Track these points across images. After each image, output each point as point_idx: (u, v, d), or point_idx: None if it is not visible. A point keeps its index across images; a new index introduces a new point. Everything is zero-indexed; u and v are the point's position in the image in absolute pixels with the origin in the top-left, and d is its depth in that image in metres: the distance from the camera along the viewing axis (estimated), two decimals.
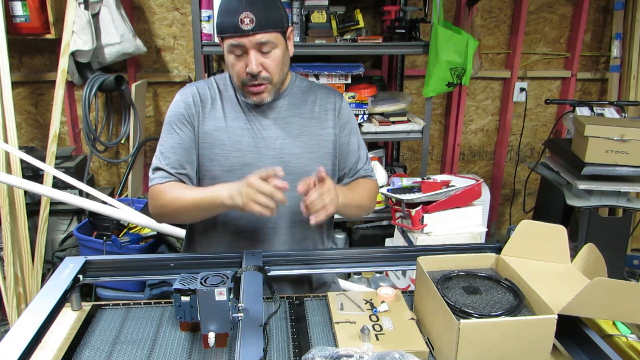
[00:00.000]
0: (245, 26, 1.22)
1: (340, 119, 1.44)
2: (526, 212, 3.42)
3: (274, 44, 1.26)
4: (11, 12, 2.48)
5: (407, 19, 2.60)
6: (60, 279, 1.16)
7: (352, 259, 1.35)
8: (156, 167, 1.35)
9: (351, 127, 1.46)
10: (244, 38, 1.24)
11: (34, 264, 2.51)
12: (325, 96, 1.44)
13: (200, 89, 1.39)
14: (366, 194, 1.45)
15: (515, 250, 1.20)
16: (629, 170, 2.34)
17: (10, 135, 2.37)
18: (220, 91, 1.40)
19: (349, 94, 2.56)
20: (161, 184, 1.33)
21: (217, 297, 0.96)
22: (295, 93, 1.42)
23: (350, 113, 1.49)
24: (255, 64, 1.26)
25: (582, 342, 1.00)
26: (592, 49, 3.34)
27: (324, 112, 1.42)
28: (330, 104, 1.43)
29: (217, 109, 1.37)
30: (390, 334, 1.06)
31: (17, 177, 2.34)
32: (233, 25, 1.23)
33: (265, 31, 1.24)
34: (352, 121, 1.48)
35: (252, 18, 1.21)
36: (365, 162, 1.49)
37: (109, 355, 1.05)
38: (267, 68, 1.28)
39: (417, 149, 3.39)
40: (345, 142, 1.44)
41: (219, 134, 1.35)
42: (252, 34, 1.23)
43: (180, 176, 1.34)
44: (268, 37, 1.25)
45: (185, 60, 3.09)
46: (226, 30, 1.25)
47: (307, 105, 1.42)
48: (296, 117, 1.39)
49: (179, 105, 1.37)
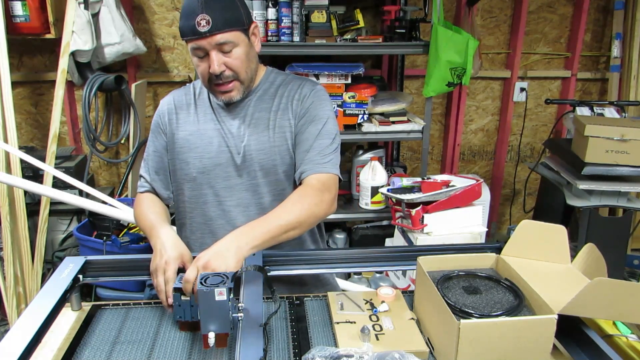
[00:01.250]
0: (202, 28, 1.23)
1: (302, 107, 1.37)
2: (526, 212, 3.42)
3: (234, 43, 1.26)
4: (11, 12, 2.49)
5: (407, 18, 2.60)
6: (60, 279, 1.16)
7: (352, 259, 1.35)
8: (140, 174, 1.49)
9: (311, 115, 1.36)
10: (202, 40, 1.24)
11: (33, 264, 2.50)
12: (295, 87, 1.40)
13: (177, 97, 1.45)
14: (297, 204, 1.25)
15: (516, 250, 1.20)
16: (629, 170, 2.34)
17: (10, 135, 2.37)
18: (196, 96, 1.44)
19: (349, 94, 2.56)
20: (141, 193, 1.47)
21: (217, 297, 0.96)
22: (267, 88, 1.41)
23: (317, 101, 1.37)
24: (217, 64, 1.26)
25: (582, 342, 1.00)
26: (592, 48, 3.34)
27: (289, 102, 1.38)
28: (297, 94, 1.38)
29: (190, 114, 1.42)
30: (390, 334, 1.06)
31: (17, 177, 2.34)
32: (191, 28, 1.23)
33: (223, 31, 1.24)
34: (315, 109, 1.36)
35: (208, 20, 1.22)
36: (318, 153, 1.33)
37: (108, 355, 1.05)
38: (230, 67, 1.29)
39: (417, 149, 3.39)
40: (300, 132, 1.36)
41: (192, 138, 1.39)
42: (209, 36, 1.23)
43: (154, 183, 1.45)
44: (227, 36, 1.25)
45: (185, 60, 3.09)
46: (186, 33, 1.26)
47: (275, 98, 1.39)
48: (263, 111, 1.38)
49: (157, 114, 1.46)
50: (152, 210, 1.38)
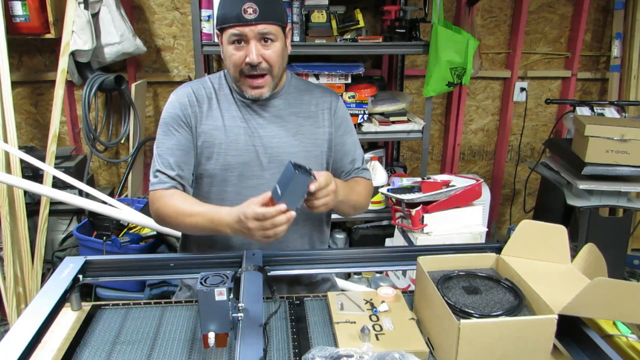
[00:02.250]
0: (248, 15, 1.23)
1: (336, 118, 1.44)
2: (526, 212, 3.42)
3: (275, 35, 1.28)
4: (11, 12, 2.48)
5: (407, 18, 2.60)
6: (60, 279, 1.16)
7: (352, 259, 1.35)
8: (156, 169, 1.35)
9: (347, 127, 1.47)
10: (246, 27, 1.25)
11: (33, 264, 2.50)
12: (321, 95, 1.45)
13: (195, 89, 1.39)
14: (363, 193, 1.45)
15: (516, 250, 1.20)
16: (629, 170, 2.34)
17: (10, 135, 2.37)
18: (216, 90, 1.40)
19: (349, 93, 2.56)
20: (162, 190, 1.33)
21: (217, 297, 0.96)
22: (292, 92, 1.42)
23: (346, 113, 1.48)
24: (255, 54, 1.27)
25: (582, 342, 1.00)
26: (592, 48, 3.34)
27: (320, 111, 1.42)
28: (326, 104, 1.43)
29: (213, 108, 1.37)
30: (390, 334, 1.06)
31: (17, 177, 2.34)
32: (236, 14, 1.24)
33: (268, 22, 1.25)
34: (347, 121, 1.48)
35: (255, 8, 1.23)
36: (361, 161, 1.49)
37: (108, 355, 1.05)
38: (267, 59, 1.29)
39: (417, 148, 3.39)
40: (340, 142, 1.45)
41: (217, 133, 1.35)
42: (254, 24, 1.24)
43: (179, 179, 1.34)
44: (270, 28, 1.26)
45: (185, 60, 3.09)
46: (228, 20, 1.26)
47: (303, 104, 1.42)
48: (293, 115, 1.40)
49: (174, 107, 1.37)
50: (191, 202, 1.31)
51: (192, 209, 1.28)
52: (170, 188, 1.33)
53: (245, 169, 1.36)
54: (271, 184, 1.33)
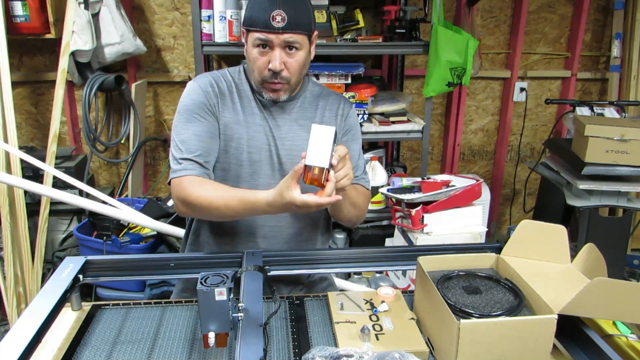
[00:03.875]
0: (276, 23, 1.22)
1: (346, 124, 1.45)
2: (526, 212, 3.42)
3: (300, 44, 1.27)
4: (11, 12, 2.48)
5: (407, 18, 2.60)
6: (60, 279, 1.16)
7: (352, 259, 1.35)
8: (182, 157, 1.28)
9: (354, 135, 1.47)
10: (272, 35, 1.24)
11: (34, 264, 2.50)
12: (335, 102, 1.45)
13: (216, 79, 1.37)
14: (362, 197, 1.44)
15: (516, 250, 1.20)
16: (629, 170, 2.34)
17: (10, 135, 2.37)
18: (236, 84, 1.39)
19: (349, 93, 2.56)
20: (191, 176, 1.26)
21: (217, 297, 0.96)
22: (308, 97, 1.43)
23: (356, 121, 1.49)
24: (279, 62, 1.26)
25: (582, 342, 1.00)
26: (592, 48, 3.34)
27: (333, 117, 1.43)
28: (339, 110, 1.44)
29: (234, 102, 1.37)
30: (390, 334, 1.06)
31: (17, 177, 2.34)
32: (264, 20, 1.23)
33: (295, 32, 1.24)
34: (355, 129, 1.48)
35: (284, 17, 1.22)
36: (362, 172, 1.48)
37: (109, 355, 1.05)
38: (288, 68, 1.28)
39: (417, 148, 3.39)
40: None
41: (237, 127, 1.35)
42: (281, 32, 1.23)
43: (207, 165, 1.30)
44: (296, 37, 1.25)
45: (185, 60, 3.09)
46: (256, 24, 1.25)
47: (317, 109, 1.43)
48: (306, 120, 1.40)
49: (198, 94, 1.33)
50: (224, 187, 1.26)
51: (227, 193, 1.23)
52: (200, 175, 1.27)
53: (258, 167, 1.36)
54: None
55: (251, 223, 1.38)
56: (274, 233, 1.40)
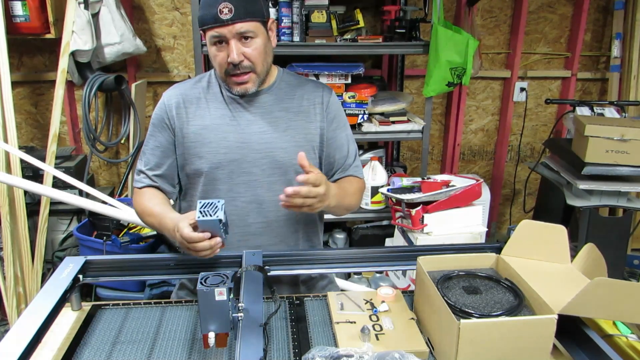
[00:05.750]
0: (224, 16, 1.24)
1: (329, 112, 1.43)
2: (526, 212, 3.42)
3: (254, 32, 1.28)
4: (11, 12, 2.48)
5: (407, 18, 2.60)
6: (60, 279, 1.16)
7: (352, 259, 1.35)
8: (139, 169, 1.43)
9: (339, 122, 1.46)
10: (223, 28, 1.26)
11: (33, 264, 2.50)
12: (313, 90, 1.44)
13: (186, 91, 1.42)
14: (356, 194, 1.46)
15: (516, 250, 1.20)
16: (629, 170, 2.34)
17: (10, 135, 2.37)
18: (207, 89, 1.42)
19: (349, 93, 2.56)
20: (140, 188, 1.42)
21: (217, 297, 0.96)
22: (283, 88, 1.43)
23: (339, 108, 1.48)
24: (236, 53, 1.28)
25: (582, 342, 1.00)
26: (592, 48, 3.34)
27: (312, 106, 1.42)
28: (318, 98, 1.43)
29: (202, 108, 1.39)
30: (390, 334, 1.06)
31: (17, 177, 2.34)
32: (213, 15, 1.25)
33: (244, 20, 1.26)
34: (340, 116, 1.47)
35: (230, 8, 1.24)
36: (354, 158, 1.48)
37: (108, 355, 1.05)
38: (248, 57, 1.30)
39: (417, 148, 3.39)
40: (332, 137, 1.44)
41: (205, 132, 1.37)
42: (231, 23, 1.25)
43: (157, 178, 1.41)
44: (248, 26, 1.27)
45: (185, 60, 3.09)
46: (206, 21, 1.27)
47: (294, 99, 1.42)
48: (283, 111, 1.40)
49: (160, 108, 1.42)
50: (154, 202, 1.37)
51: (153, 209, 1.34)
52: (144, 187, 1.41)
53: (235, 166, 1.37)
54: (262, 179, 1.38)
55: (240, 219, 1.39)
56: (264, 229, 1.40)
